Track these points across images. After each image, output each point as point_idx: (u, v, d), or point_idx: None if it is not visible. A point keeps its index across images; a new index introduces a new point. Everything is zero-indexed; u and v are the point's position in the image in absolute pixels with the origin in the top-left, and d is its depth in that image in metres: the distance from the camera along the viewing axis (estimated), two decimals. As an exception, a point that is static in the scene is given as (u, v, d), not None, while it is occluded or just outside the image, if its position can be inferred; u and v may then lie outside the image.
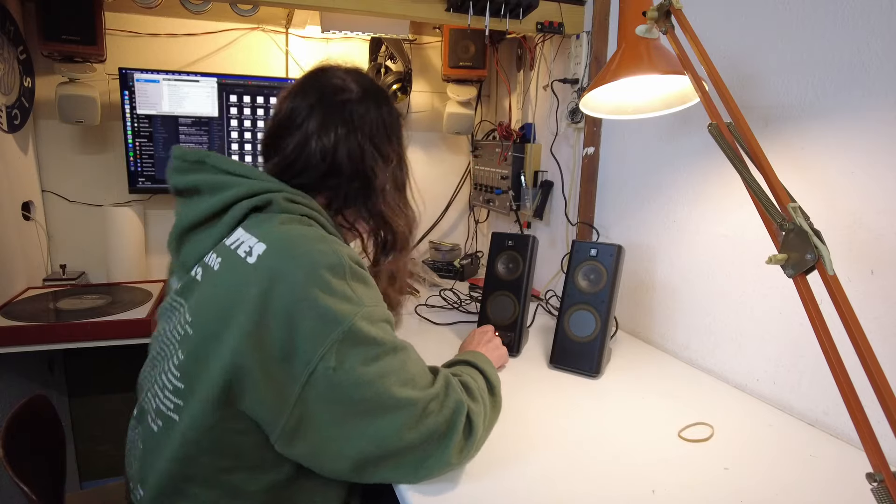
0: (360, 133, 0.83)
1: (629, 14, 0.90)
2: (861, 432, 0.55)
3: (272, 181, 0.79)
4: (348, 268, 0.69)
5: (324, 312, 0.65)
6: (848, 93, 0.88)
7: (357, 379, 0.66)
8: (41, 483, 0.87)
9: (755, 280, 1.05)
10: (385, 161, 0.85)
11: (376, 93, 0.87)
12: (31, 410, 0.94)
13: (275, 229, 0.72)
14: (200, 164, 0.79)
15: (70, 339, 1.30)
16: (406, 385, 0.69)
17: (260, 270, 0.67)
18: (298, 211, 0.76)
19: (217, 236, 0.76)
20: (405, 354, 0.72)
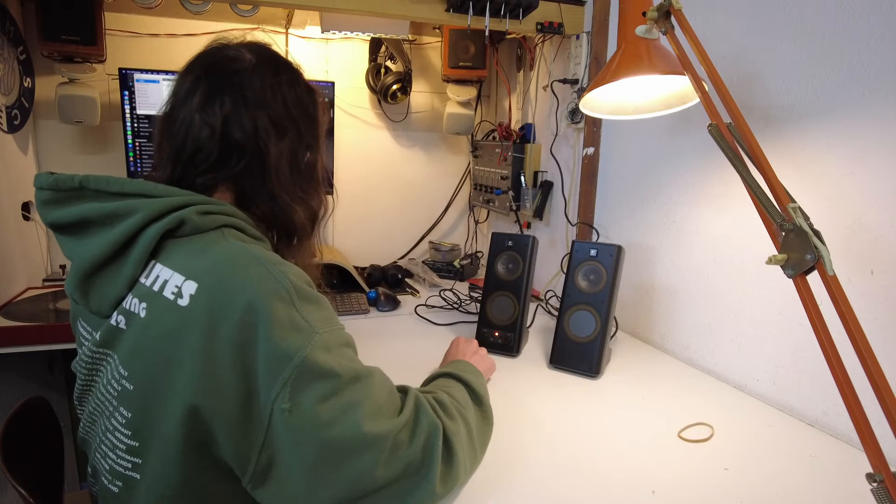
0: (251, 104, 0.72)
1: (629, 14, 0.90)
2: (861, 432, 0.55)
3: (177, 193, 0.68)
4: (293, 291, 0.61)
5: (272, 349, 0.58)
6: (848, 93, 0.88)
7: (317, 420, 0.58)
8: (40, 484, 0.87)
9: (755, 280, 1.05)
10: (279, 136, 0.74)
11: (275, 62, 0.77)
12: (29, 412, 0.93)
13: (197, 261, 0.63)
14: (79, 192, 0.67)
15: (70, 340, 1.29)
16: (373, 417, 0.62)
17: (196, 314, 0.59)
18: (215, 223, 0.67)
19: (129, 275, 0.65)
20: (369, 382, 0.64)
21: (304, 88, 0.79)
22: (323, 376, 0.59)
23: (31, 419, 0.94)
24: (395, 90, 1.89)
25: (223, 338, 0.58)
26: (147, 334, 0.62)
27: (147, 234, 0.64)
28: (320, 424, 0.58)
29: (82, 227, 0.67)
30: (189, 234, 0.66)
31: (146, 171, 1.69)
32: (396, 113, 2.03)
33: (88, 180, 0.67)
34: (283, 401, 0.57)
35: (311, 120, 0.79)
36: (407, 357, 1.20)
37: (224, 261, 0.62)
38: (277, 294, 0.60)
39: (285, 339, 0.58)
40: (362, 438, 0.60)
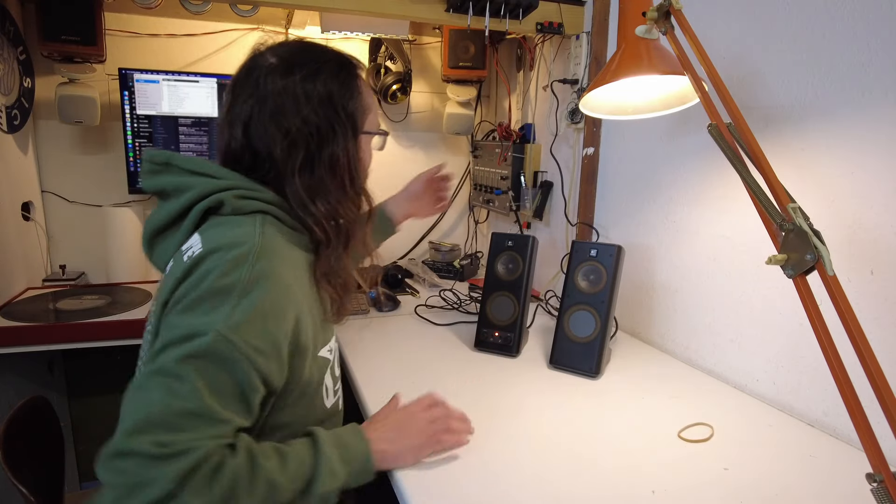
0: (266, 110, 0.75)
1: (629, 14, 0.90)
2: (861, 432, 0.55)
3: (230, 177, 0.75)
4: (250, 282, 0.64)
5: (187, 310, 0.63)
6: (848, 93, 0.88)
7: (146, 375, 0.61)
8: (41, 484, 0.87)
9: (755, 280, 1.05)
10: (286, 137, 0.74)
11: (292, 61, 0.77)
12: (30, 411, 0.94)
13: (217, 234, 0.70)
14: (167, 167, 0.77)
15: (70, 340, 1.29)
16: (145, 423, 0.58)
17: (186, 265, 0.67)
18: (250, 207, 0.73)
19: (179, 241, 0.74)
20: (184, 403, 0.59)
21: (326, 82, 0.76)
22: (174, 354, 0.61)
23: (32, 419, 0.94)
24: (394, 90, 1.89)
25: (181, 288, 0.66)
26: (160, 287, 0.73)
27: (196, 209, 0.73)
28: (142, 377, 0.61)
29: (162, 196, 0.78)
30: (228, 213, 0.73)
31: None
32: (396, 113, 2.03)
33: (175, 157, 0.77)
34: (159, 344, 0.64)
35: (330, 117, 0.76)
36: (407, 357, 1.20)
37: (230, 237, 0.68)
38: (231, 279, 0.64)
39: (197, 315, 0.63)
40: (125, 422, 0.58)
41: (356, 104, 0.79)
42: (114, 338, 1.32)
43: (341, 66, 0.79)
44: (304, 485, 0.67)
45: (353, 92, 0.79)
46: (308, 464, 0.69)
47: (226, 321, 0.62)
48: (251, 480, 0.62)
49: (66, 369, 1.79)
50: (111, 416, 0.61)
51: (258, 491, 0.62)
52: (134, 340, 1.32)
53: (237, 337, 0.62)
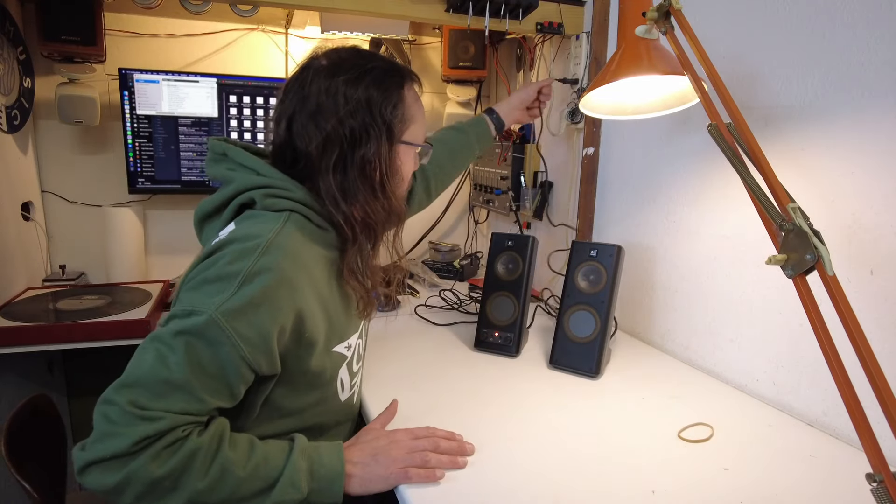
0: (308, 109, 0.78)
1: (629, 14, 0.90)
2: (860, 433, 0.55)
3: (269, 175, 0.79)
4: (252, 272, 0.68)
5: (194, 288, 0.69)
6: (848, 93, 0.88)
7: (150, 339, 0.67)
8: (43, 481, 0.87)
9: (755, 280, 1.05)
10: (322, 136, 0.77)
11: (339, 63, 0.80)
12: (32, 410, 0.94)
13: (242, 225, 0.75)
14: (223, 157, 0.83)
15: (70, 340, 1.29)
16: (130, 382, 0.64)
17: (207, 250, 0.73)
18: (279, 206, 0.77)
19: (220, 228, 0.80)
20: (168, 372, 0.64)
21: (367, 88, 0.79)
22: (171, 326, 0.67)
23: (35, 417, 0.94)
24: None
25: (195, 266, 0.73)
26: None
27: (233, 203, 0.79)
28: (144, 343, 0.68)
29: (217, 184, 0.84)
30: (261, 209, 0.77)
31: (146, 172, 1.70)
32: (396, 113, 2.03)
33: (230, 149, 0.82)
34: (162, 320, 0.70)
35: (371, 119, 0.78)
36: (406, 357, 1.20)
37: (247, 230, 0.73)
38: (234, 268, 0.68)
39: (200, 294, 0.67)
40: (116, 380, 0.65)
41: (396, 113, 0.81)
42: (114, 338, 1.32)
43: (387, 73, 0.82)
44: (262, 485, 0.69)
45: (394, 100, 0.81)
46: (273, 466, 0.70)
47: (221, 305, 0.66)
48: (208, 463, 0.65)
49: (66, 369, 1.79)
50: None
51: (211, 474, 0.65)
52: (134, 340, 1.32)
53: (227, 323, 0.65)
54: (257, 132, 1.78)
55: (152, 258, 1.84)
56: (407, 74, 0.86)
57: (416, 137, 0.88)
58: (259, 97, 1.74)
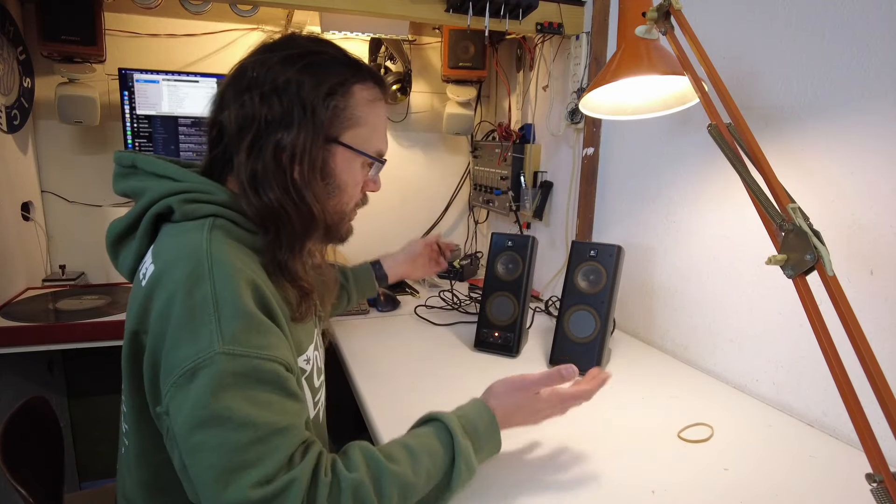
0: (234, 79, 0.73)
1: (629, 15, 0.90)
2: (860, 433, 0.55)
3: (187, 179, 0.71)
4: (215, 295, 0.60)
5: (171, 350, 0.59)
6: (847, 93, 0.88)
7: (181, 438, 0.58)
8: (40, 484, 0.87)
9: (755, 281, 1.05)
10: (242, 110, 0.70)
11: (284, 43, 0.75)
12: (29, 411, 0.93)
13: (165, 247, 0.67)
14: (133, 169, 0.74)
15: (69, 340, 1.29)
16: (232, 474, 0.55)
17: (142, 295, 0.64)
18: (200, 212, 0.69)
19: (137, 249, 0.72)
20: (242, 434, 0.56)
21: (303, 69, 0.71)
22: (196, 401, 0.56)
23: (32, 419, 0.94)
24: (394, 90, 1.89)
25: (149, 321, 0.62)
26: (127, 310, 0.70)
27: (147, 215, 0.70)
28: (181, 446, 0.58)
29: (130, 200, 0.75)
30: (179, 220, 0.69)
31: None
32: (396, 113, 2.03)
33: (139, 159, 0.74)
34: (164, 404, 0.59)
35: (297, 105, 0.70)
36: (406, 358, 1.20)
37: (177, 250, 0.65)
38: (198, 296, 0.60)
39: (184, 345, 0.58)
40: (210, 490, 0.56)
41: (329, 104, 0.71)
42: (113, 338, 1.32)
43: (335, 62, 0.73)
44: (439, 481, 0.68)
45: (329, 90, 0.71)
46: (442, 462, 0.68)
47: (219, 339, 0.58)
48: (379, 489, 0.61)
49: (65, 369, 1.78)
50: (111, 417, 0.63)
51: (388, 497, 0.62)
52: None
53: (239, 347, 0.59)
54: (257, 132, 1.78)
55: (152, 258, 1.84)
56: (365, 72, 0.76)
57: (363, 144, 0.76)
58: (259, 97, 1.74)
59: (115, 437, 0.81)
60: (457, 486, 0.68)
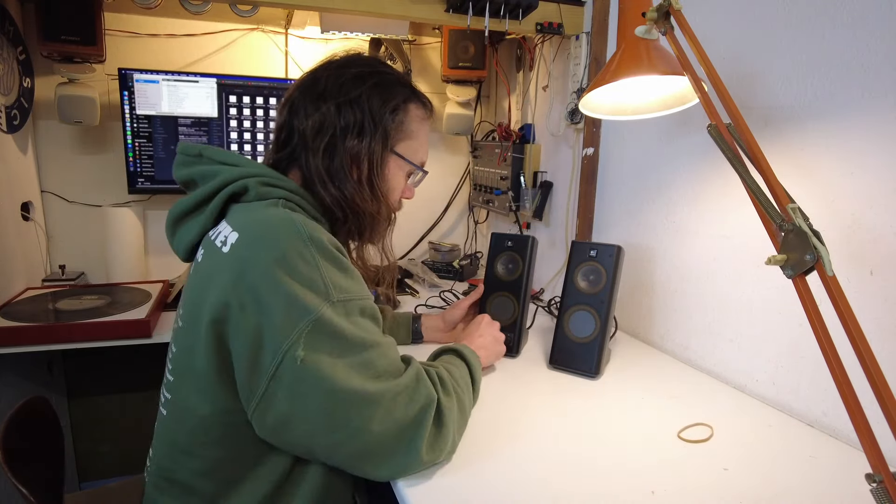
0: (312, 95, 0.83)
1: (628, 15, 0.90)
2: (860, 433, 0.55)
3: (255, 167, 0.81)
4: (319, 253, 0.69)
5: (292, 300, 0.65)
6: (847, 93, 0.88)
7: (323, 373, 0.65)
8: (40, 484, 0.87)
9: (754, 281, 1.05)
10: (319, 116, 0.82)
11: (355, 60, 0.87)
12: (29, 411, 0.93)
13: (248, 217, 0.74)
14: (199, 157, 0.82)
15: (69, 340, 1.29)
16: (375, 380, 0.69)
17: (231, 258, 0.69)
18: (275, 195, 0.77)
19: (202, 225, 0.79)
20: (376, 350, 0.70)
21: (373, 87, 0.83)
22: (334, 336, 0.66)
23: (32, 419, 0.94)
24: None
25: (248, 280, 0.66)
26: (196, 275, 0.75)
27: (222, 193, 0.77)
28: (325, 377, 0.64)
29: (189, 186, 0.83)
30: (252, 200, 0.77)
31: (146, 172, 1.70)
32: (396, 113, 2.03)
33: (207, 149, 0.82)
34: (297, 349, 0.64)
35: (367, 117, 0.82)
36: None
37: (265, 220, 0.71)
38: (303, 254, 0.67)
39: (306, 293, 0.66)
40: (363, 395, 0.66)
41: (394, 118, 0.85)
42: (113, 338, 1.32)
43: (397, 82, 0.87)
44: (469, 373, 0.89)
45: (394, 106, 0.85)
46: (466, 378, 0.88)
47: (333, 289, 0.68)
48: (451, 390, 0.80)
49: (65, 369, 1.79)
50: (111, 416, 0.64)
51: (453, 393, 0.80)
52: (133, 341, 1.32)
53: (346, 294, 0.69)
54: (257, 132, 1.78)
55: (152, 258, 1.84)
56: (419, 95, 0.90)
57: (413, 155, 0.90)
58: (259, 97, 1.74)
59: (115, 436, 0.81)
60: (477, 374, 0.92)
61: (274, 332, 0.65)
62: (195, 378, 0.71)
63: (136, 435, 0.80)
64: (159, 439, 0.80)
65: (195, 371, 0.71)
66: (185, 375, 0.73)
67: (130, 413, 1.84)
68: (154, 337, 1.33)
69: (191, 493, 0.75)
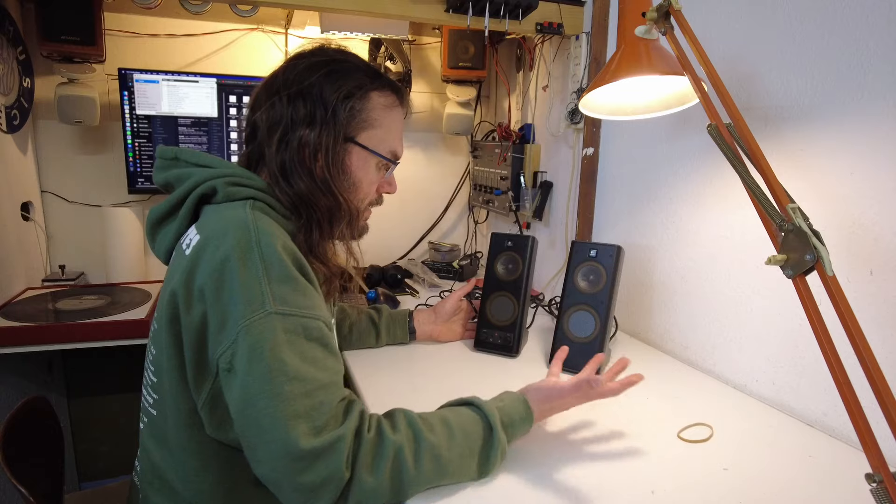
0: (267, 83, 0.83)
1: (628, 15, 0.90)
2: (860, 433, 0.55)
3: (225, 167, 0.80)
4: (265, 259, 0.67)
5: (225, 309, 0.64)
6: (847, 93, 0.88)
7: (241, 391, 0.62)
8: (40, 484, 0.87)
9: (755, 281, 1.05)
10: (272, 111, 0.80)
11: (313, 51, 0.85)
12: (29, 411, 0.93)
13: (211, 221, 0.73)
14: (175, 161, 0.82)
15: (69, 340, 1.29)
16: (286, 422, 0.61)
17: (187, 260, 0.69)
18: (243, 194, 0.76)
19: (176, 230, 0.78)
20: (296, 386, 0.62)
21: (327, 75, 0.80)
22: (255, 355, 0.62)
23: (32, 419, 0.94)
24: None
25: (196, 284, 0.66)
26: (166, 278, 0.75)
27: (192, 195, 0.77)
28: (244, 398, 0.62)
29: (167, 189, 0.82)
30: (221, 200, 0.76)
31: (146, 172, 1.70)
32: (396, 113, 2.03)
33: (182, 152, 0.82)
34: (225, 360, 0.64)
35: (320, 107, 0.79)
36: (406, 358, 1.20)
37: (222, 221, 0.71)
38: (250, 261, 0.66)
39: (240, 304, 0.64)
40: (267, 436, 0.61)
41: (347, 106, 0.80)
42: (113, 338, 1.32)
43: (357, 69, 0.83)
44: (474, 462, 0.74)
45: (348, 93, 0.80)
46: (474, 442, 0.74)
47: (270, 300, 0.64)
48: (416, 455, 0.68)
49: (65, 369, 1.79)
50: (110, 416, 0.64)
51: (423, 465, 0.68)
52: (133, 341, 1.32)
53: (287, 307, 0.65)
54: (257, 132, 1.78)
55: (152, 258, 1.84)
56: (384, 80, 0.85)
57: (377, 145, 0.85)
58: (259, 97, 1.74)
59: (115, 436, 0.81)
60: (487, 473, 0.74)
61: (212, 337, 0.65)
62: (168, 378, 0.72)
63: (135, 435, 0.80)
64: (150, 439, 0.79)
65: (165, 371, 0.72)
66: (162, 376, 0.74)
67: (130, 413, 1.84)
68: (154, 337, 1.33)
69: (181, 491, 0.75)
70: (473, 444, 0.73)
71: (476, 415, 0.76)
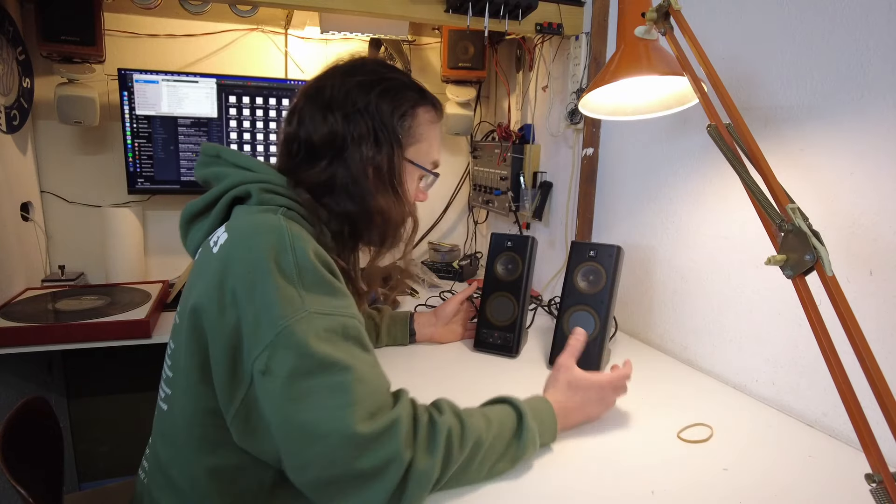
0: (315, 99, 0.82)
1: (628, 15, 0.90)
2: (860, 433, 0.55)
3: (265, 172, 0.80)
4: (300, 265, 0.67)
5: (261, 312, 0.63)
6: (847, 93, 0.88)
7: (284, 392, 0.61)
8: (39, 485, 0.87)
9: (754, 281, 1.05)
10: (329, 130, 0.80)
11: (356, 66, 0.85)
12: (28, 412, 0.93)
13: (242, 219, 0.74)
14: (216, 158, 0.83)
15: (69, 340, 1.29)
16: (341, 410, 0.61)
17: (217, 259, 0.69)
18: (275, 202, 0.76)
19: (208, 228, 0.79)
20: (346, 374, 0.63)
21: (380, 94, 0.81)
22: (300, 353, 0.62)
23: (32, 419, 0.93)
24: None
25: (228, 286, 0.65)
26: (191, 274, 0.75)
27: (226, 196, 0.78)
28: (287, 397, 0.62)
29: (207, 184, 0.83)
30: (255, 203, 0.76)
31: (145, 172, 1.70)
32: (396, 113, 2.03)
33: (224, 150, 0.83)
34: (261, 363, 0.62)
35: (379, 123, 0.81)
36: (406, 358, 1.20)
37: (254, 223, 0.71)
38: (284, 264, 0.66)
39: (276, 306, 0.63)
40: (319, 429, 0.61)
41: (403, 124, 0.83)
42: (113, 338, 1.32)
43: (405, 86, 0.85)
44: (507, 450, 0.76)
45: (402, 112, 0.83)
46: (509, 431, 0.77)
47: (308, 301, 0.65)
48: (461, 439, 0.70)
49: (65, 369, 1.78)
50: (110, 417, 0.63)
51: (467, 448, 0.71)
52: (133, 341, 1.32)
53: (324, 307, 0.66)
54: (256, 132, 1.78)
55: (151, 258, 1.84)
56: (427, 97, 0.88)
57: (423, 159, 0.89)
58: (258, 97, 1.74)
59: (114, 437, 0.81)
60: (520, 457, 0.77)
61: (247, 341, 0.64)
62: (184, 376, 0.71)
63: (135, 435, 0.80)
64: (158, 435, 0.80)
65: (182, 369, 0.71)
66: (179, 372, 0.74)
67: (130, 413, 1.84)
68: (153, 337, 1.33)
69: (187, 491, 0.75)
70: (507, 431, 0.76)
71: (508, 406, 0.80)
